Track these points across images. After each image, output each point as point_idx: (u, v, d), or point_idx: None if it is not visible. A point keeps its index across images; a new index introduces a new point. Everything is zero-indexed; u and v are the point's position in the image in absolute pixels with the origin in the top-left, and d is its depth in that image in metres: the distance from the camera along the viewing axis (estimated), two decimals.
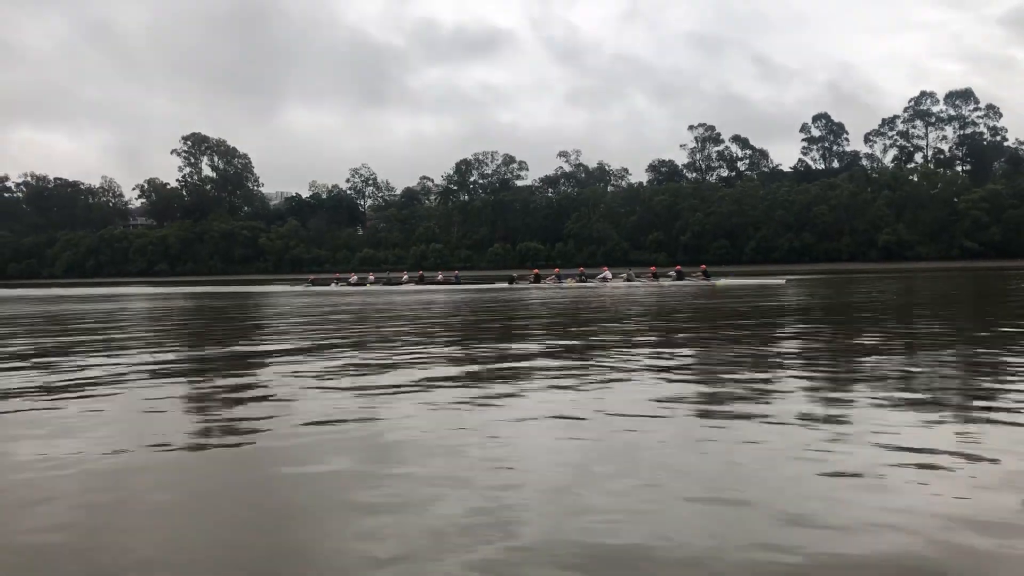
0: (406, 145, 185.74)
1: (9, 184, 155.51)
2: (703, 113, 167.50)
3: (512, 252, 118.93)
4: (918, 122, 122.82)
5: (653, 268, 43.85)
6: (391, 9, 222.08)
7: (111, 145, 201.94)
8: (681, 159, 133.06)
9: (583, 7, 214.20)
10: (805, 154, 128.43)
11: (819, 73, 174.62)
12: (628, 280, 38.67)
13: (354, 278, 49.39)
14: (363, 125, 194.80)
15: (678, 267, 42.82)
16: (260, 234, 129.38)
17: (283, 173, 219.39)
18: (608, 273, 40.58)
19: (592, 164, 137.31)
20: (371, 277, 49.03)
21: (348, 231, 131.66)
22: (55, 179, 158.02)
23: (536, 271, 45.80)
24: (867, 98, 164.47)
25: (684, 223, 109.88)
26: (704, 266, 42.06)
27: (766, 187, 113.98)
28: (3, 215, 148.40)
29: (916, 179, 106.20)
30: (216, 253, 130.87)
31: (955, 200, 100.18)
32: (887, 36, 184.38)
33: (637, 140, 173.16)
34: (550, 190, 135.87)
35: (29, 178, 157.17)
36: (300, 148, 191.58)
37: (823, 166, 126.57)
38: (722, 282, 35.92)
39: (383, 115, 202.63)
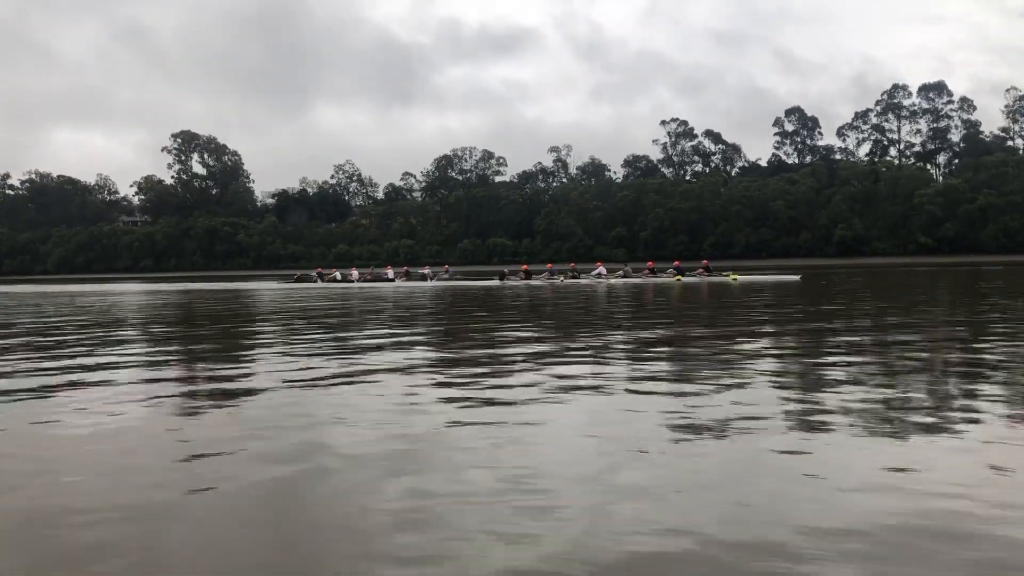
0: (433, 141, 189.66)
1: (12, 182, 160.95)
2: (728, 107, 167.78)
3: (481, 248, 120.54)
4: (891, 115, 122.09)
5: (650, 263, 43.03)
6: (417, 9, 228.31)
7: (147, 144, 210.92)
8: (655, 154, 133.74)
9: (605, 5, 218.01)
10: (778, 148, 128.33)
11: (844, 67, 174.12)
12: (624, 276, 37.88)
13: (338, 274, 48.77)
14: (391, 122, 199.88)
15: (676, 262, 41.85)
16: (240, 230, 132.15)
17: (312, 170, 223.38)
18: (603, 269, 39.97)
19: (584, 159, 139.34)
20: (354, 273, 48.67)
21: (326, 227, 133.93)
22: (58, 176, 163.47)
23: (525, 267, 45.14)
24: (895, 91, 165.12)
25: (645, 219, 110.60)
26: (706, 261, 40.12)
27: (731, 183, 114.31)
28: (5, 212, 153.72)
29: (875, 173, 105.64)
30: (199, 249, 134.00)
31: (913, 195, 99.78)
32: (910, 29, 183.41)
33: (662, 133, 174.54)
34: (527, 186, 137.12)
35: (34, 175, 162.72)
36: (330, 145, 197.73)
37: (796, 160, 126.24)
38: (738, 278, 34.97)
39: (410, 112, 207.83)
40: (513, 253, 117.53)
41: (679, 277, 36.21)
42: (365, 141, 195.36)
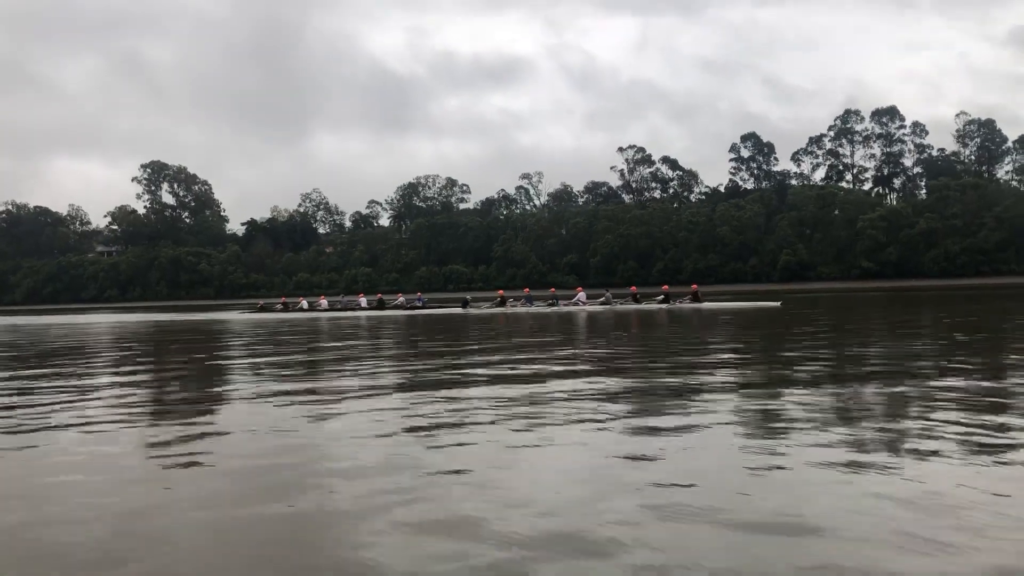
0: (429, 168, 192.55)
1: None
2: (720, 132, 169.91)
3: (438, 275, 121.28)
4: (844, 140, 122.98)
5: (633, 288, 42.21)
6: (412, 42, 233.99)
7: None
8: (614, 180, 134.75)
9: (596, 36, 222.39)
10: (734, 174, 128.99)
11: (836, 93, 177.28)
12: (606, 304, 37.40)
13: (304, 303, 47.94)
14: (388, 150, 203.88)
15: (665, 287, 41.14)
16: (203, 260, 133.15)
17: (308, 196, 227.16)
18: (583, 295, 39.41)
19: (556, 185, 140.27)
20: (323, 302, 47.81)
21: (288, 255, 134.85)
22: (34, 207, 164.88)
23: (501, 292, 44.56)
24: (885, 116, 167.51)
25: (596, 245, 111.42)
26: (695, 286, 37.71)
27: (682, 209, 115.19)
28: None
29: (822, 198, 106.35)
30: (164, 279, 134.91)
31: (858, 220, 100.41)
32: (898, 56, 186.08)
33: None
34: (493, 213, 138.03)
35: (11, 207, 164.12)
36: (326, 173, 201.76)
37: (753, 186, 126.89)
38: (707, 305, 34.65)
39: (406, 141, 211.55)
40: (469, 280, 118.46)
41: (662, 305, 35.63)
42: (362, 168, 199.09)
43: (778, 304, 34.22)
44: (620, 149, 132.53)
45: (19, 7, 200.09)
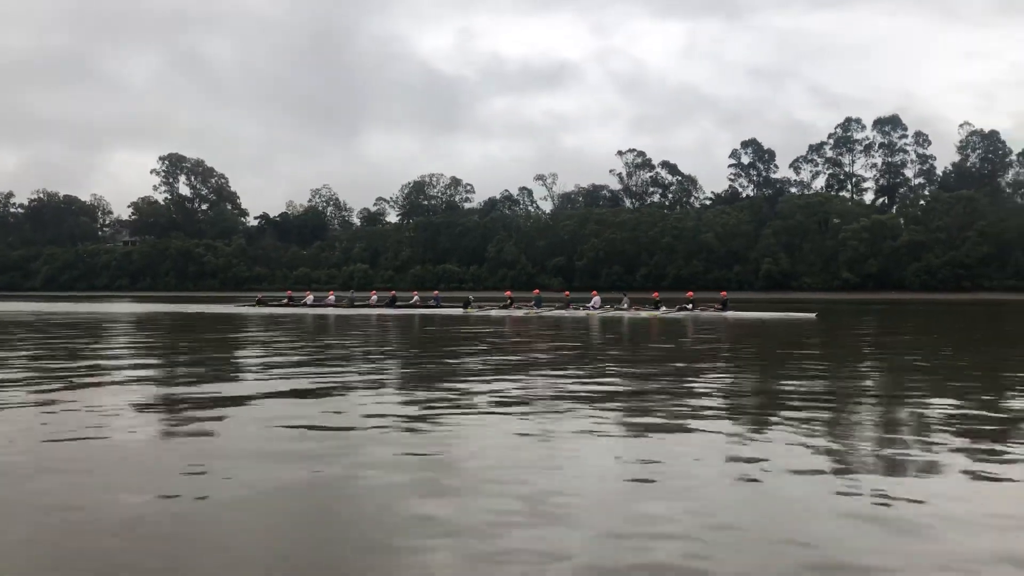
0: (476, 168, 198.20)
1: (14, 200, 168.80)
2: (768, 139, 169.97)
3: (431, 273, 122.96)
4: (844, 149, 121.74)
5: (656, 294, 39.53)
6: (460, 44, 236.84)
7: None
8: (614, 184, 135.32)
9: (644, 42, 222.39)
10: (733, 180, 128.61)
11: (884, 104, 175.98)
12: (620, 309, 35.40)
13: (310, 298, 47.10)
14: (437, 149, 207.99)
15: (690, 293, 38.71)
16: (209, 252, 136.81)
17: (362, 194, 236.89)
18: (598, 299, 37.20)
19: (569, 187, 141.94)
20: (331, 297, 46.55)
21: (292, 250, 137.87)
22: (64, 196, 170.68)
23: (509, 293, 42.75)
24: (937, 125, 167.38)
25: (583, 248, 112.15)
26: (724, 293, 35.10)
27: (667, 215, 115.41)
28: (6, 229, 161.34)
29: (810, 207, 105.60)
30: (172, 270, 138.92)
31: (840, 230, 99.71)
32: (949, 65, 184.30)
33: (704, 165, 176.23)
34: (491, 214, 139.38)
35: (41, 195, 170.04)
36: (378, 170, 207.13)
37: (753, 193, 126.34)
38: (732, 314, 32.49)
39: (455, 141, 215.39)
40: (461, 279, 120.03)
41: (654, 313, 33.77)
42: (410, 167, 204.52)
43: (814, 316, 31.50)
44: (619, 153, 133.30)
45: (83, 4, 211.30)
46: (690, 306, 34.93)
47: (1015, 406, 9.37)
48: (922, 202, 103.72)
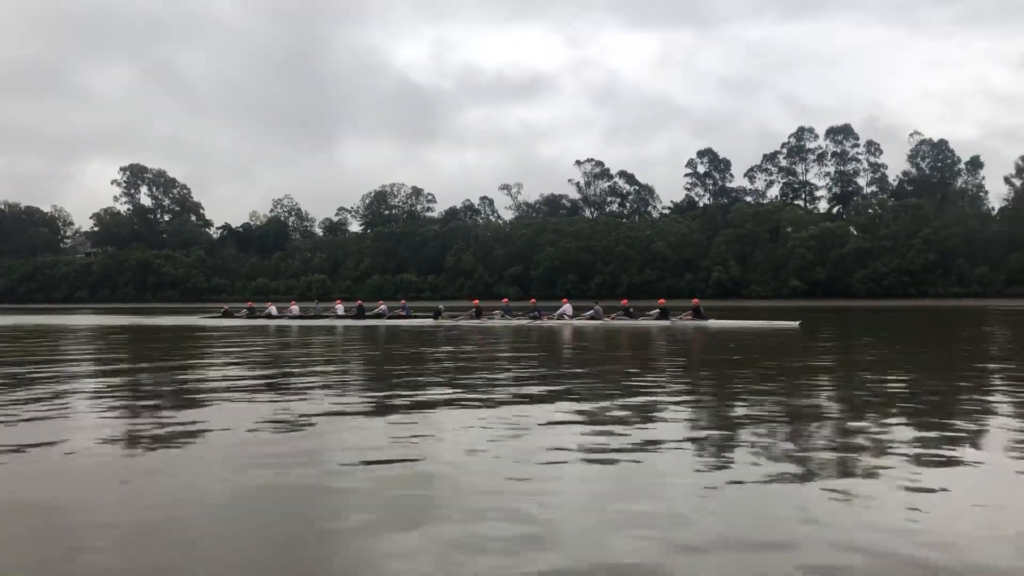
0: (452, 177, 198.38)
1: None
2: (742, 148, 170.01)
3: (390, 283, 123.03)
4: (798, 158, 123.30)
5: (624, 301, 37.57)
6: (436, 55, 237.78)
7: (179, 178, 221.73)
8: (572, 193, 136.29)
9: (617, 52, 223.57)
10: (690, 189, 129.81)
11: (853, 113, 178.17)
12: (595, 318, 32.50)
13: (272, 309, 45.92)
14: (413, 159, 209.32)
15: (661, 300, 36.49)
16: (168, 263, 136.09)
17: (338, 204, 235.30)
18: (569, 307, 34.69)
19: (533, 198, 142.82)
20: (294, 308, 44.95)
21: (251, 260, 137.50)
22: (25, 207, 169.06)
23: (476, 301, 40.99)
24: (905, 134, 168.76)
25: (539, 258, 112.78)
26: (696, 300, 33.06)
27: (623, 224, 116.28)
28: None
29: (760, 216, 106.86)
30: (132, 281, 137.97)
31: (790, 238, 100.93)
32: (917, 75, 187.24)
33: (676, 174, 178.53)
34: (451, 223, 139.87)
35: (2, 206, 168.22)
36: (355, 181, 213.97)
37: (709, 202, 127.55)
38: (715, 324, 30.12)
39: (431, 151, 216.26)
40: (419, 289, 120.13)
41: (662, 321, 31.06)
42: (386, 178, 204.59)
43: (796, 325, 29.15)
44: (577, 162, 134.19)
45: (56, 16, 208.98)
46: (657, 313, 32.15)
47: None
48: (870, 210, 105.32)
